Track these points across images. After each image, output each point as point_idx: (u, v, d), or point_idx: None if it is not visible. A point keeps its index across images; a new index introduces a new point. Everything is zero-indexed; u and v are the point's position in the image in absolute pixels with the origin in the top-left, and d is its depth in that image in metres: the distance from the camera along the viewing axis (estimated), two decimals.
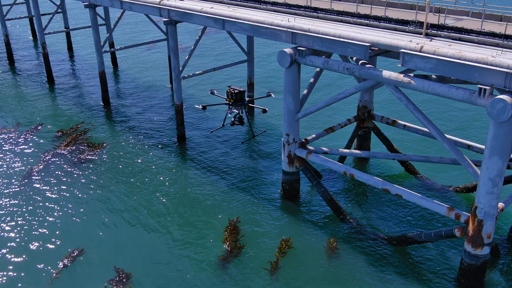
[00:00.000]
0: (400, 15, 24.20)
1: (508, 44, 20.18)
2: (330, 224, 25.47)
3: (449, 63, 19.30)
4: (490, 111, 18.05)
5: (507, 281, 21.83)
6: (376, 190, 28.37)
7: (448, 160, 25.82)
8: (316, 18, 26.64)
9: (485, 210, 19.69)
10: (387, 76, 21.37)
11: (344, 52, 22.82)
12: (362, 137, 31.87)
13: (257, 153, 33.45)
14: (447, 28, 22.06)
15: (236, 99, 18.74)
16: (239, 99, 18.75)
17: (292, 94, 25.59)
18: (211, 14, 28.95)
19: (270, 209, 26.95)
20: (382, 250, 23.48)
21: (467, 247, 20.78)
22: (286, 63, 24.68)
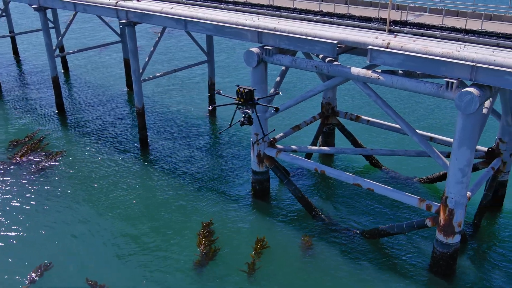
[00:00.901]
0: (362, 13, 24.60)
1: (469, 39, 20.94)
2: (302, 221, 25.59)
3: (416, 58, 19.79)
4: (458, 104, 18.65)
5: (475, 266, 22.67)
6: (344, 185, 28.76)
7: (413, 153, 26.55)
8: (279, 17, 26.66)
9: (455, 200, 20.36)
10: (356, 73, 21.68)
11: (312, 50, 22.96)
12: (327, 134, 32.24)
13: (223, 154, 33.19)
14: (410, 24, 22.65)
15: (246, 98, 18.50)
16: (249, 99, 18.53)
17: (260, 93, 25.46)
18: (172, 14, 28.38)
19: (242, 209, 26.78)
20: (356, 243, 23.83)
21: (439, 236, 21.42)
22: (253, 63, 24.57)
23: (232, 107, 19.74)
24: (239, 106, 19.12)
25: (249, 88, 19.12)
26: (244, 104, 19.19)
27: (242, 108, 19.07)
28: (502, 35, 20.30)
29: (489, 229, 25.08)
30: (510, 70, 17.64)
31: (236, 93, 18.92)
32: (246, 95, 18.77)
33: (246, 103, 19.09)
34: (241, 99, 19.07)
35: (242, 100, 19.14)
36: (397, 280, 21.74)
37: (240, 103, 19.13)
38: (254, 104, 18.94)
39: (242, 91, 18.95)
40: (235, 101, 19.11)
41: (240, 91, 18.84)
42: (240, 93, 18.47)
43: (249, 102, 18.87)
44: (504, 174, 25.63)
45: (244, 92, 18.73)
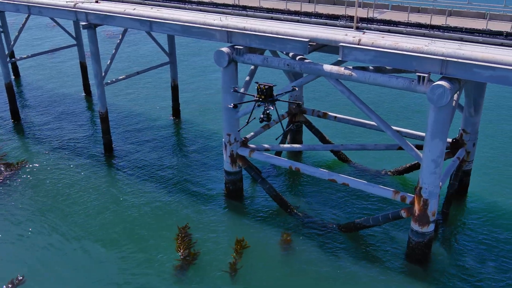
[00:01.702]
0: (329, 11, 24.98)
1: (434, 34, 21.68)
2: (279, 219, 25.72)
3: (387, 54, 20.30)
4: (430, 97, 19.29)
5: (447, 251, 23.53)
6: (315, 181, 29.11)
7: (383, 146, 27.24)
8: (246, 16, 26.64)
9: (429, 190, 21.05)
10: (328, 70, 21.99)
11: (284, 49, 23.08)
12: (295, 131, 32.52)
13: (192, 156, 32.82)
14: (376, 21, 23.19)
15: (266, 94, 18.26)
16: (269, 95, 18.31)
17: (231, 94, 25.38)
18: (136, 15, 27.79)
19: (217, 211, 26.58)
20: (334, 238, 24.19)
21: (414, 226, 22.09)
22: (224, 63, 24.42)
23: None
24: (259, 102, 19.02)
25: (269, 84, 18.99)
26: (264, 100, 19.09)
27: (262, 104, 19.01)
28: (465, 29, 21.15)
29: (456, 216, 26.08)
30: (478, 63, 18.41)
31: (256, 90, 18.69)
32: (266, 92, 18.70)
33: (267, 100, 19.01)
34: (262, 95, 18.95)
35: (263, 97, 19.04)
36: (375, 270, 22.25)
37: (261, 100, 19.03)
38: (274, 100, 18.87)
39: (263, 87, 18.81)
40: (255, 97, 18.95)
41: (261, 87, 18.70)
42: (261, 90, 18.34)
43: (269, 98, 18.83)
44: (468, 163, 26.75)
45: (265, 88, 18.61)
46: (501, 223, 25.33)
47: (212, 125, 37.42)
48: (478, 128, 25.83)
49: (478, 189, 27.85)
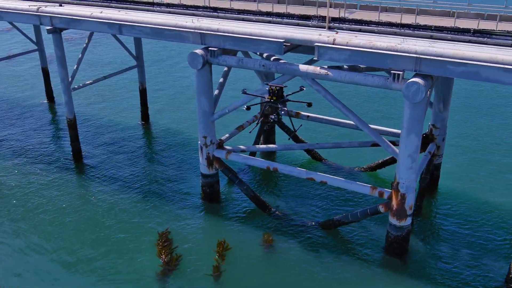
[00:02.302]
0: (301, 11, 25.23)
1: (405, 32, 22.27)
2: (258, 219, 25.76)
3: (362, 53, 20.69)
4: (406, 94, 19.80)
5: (423, 243, 24.17)
6: (291, 180, 29.33)
7: (357, 144, 27.71)
8: (217, 18, 26.56)
9: (406, 185, 21.59)
10: (304, 70, 22.19)
11: (258, 50, 23.15)
12: (268, 132, 32.64)
13: (164, 160, 32.40)
14: (348, 21, 23.61)
15: (278, 95, 18.19)
16: (280, 96, 18.26)
17: (206, 96, 25.26)
18: (104, 19, 27.20)
19: (196, 214, 26.37)
20: (314, 236, 24.45)
21: (392, 221, 22.61)
22: (198, 65, 24.27)
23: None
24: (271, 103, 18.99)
25: (280, 85, 18.97)
26: (276, 101, 19.11)
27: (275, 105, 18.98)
28: (434, 27, 21.83)
29: (429, 209, 26.86)
30: (450, 59, 19.04)
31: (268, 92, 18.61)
32: (278, 92, 18.69)
33: (279, 100, 19.04)
34: (274, 96, 18.94)
35: (275, 98, 19.04)
36: (356, 265, 22.64)
37: (273, 101, 19.01)
38: (285, 101, 18.88)
39: (275, 88, 18.80)
40: (266, 99, 18.88)
41: (273, 89, 18.66)
42: (273, 91, 18.29)
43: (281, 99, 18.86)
44: (438, 157, 27.62)
45: (277, 89, 18.59)
46: (471, 213, 26.26)
47: (182, 128, 37.08)
48: (447, 123, 26.69)
49: (448, 182, 28.75)
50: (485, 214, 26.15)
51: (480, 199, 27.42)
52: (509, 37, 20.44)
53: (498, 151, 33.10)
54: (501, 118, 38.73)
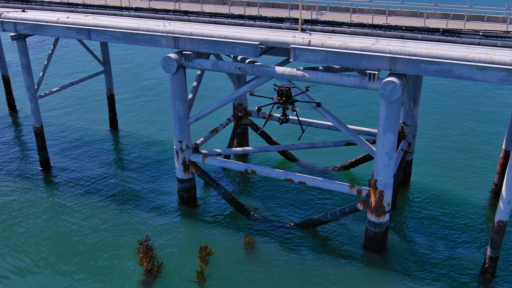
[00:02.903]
0: (273, 13, 25.37)
1: (376, 33, 22.75)
2: (238, 222, 25.69)
3: (338, 54, 20.99)
4: (382, 93, 20.22)
5: (399, 236, 24.72)
6: (268, 181, 29.42)
7: (331, 144, 28.09)
8: (188, 21, 26.36)
9: (384, 182, 22.04)
10: (281, 72, 22.29)
11: (233, 52, 23.11)
12: (241, 134, 32.62)
13: (135, 166, 31.84)
14: (320, 22, 23.92)
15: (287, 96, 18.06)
16: (289, 96, 18.14)
17: (181, 100, 25.03)
18: (72, 24, 26.52)
19: (174, 220, 26.03)
20: (294, 236, 24.60)
21: (371, 218, 23.03)
22: (172, 69, 24.02)
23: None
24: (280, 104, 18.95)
25: (288, 86, 18.95)
26: (285, 102, 19.08)
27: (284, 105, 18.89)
28: (405, 27, 22.40)
29: (403, 204, 27.50)
30: (424, 58, 19.57)
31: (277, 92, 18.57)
32: (287, 93, 18.65)
33: (288, 101, 19.01)
34: (283, 97, 18.90)
35: (284, 99, 19.01)
36: (336, 262, 22.93)
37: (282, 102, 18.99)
38: (294, 101, 18.84)
39: (284, 89, 18.74)
40: (276, 99, 18.82)
41: (282, 89, 18.59)
42: (282, 92, 18.19)
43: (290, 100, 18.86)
44: (410, 154, 28.35)
45: (286, 90, 18.55)
46: (444, 206, 27.06)
47: (153, 134, 36.59)
48: (417, 120, 27.43)
49: (419, 177, 29.55)
50: (458, 206, 27.01)
51: (452, 192, 28.32)
52: (477, 35, 21.22)
53: (466, 144, 34.29)
54: (467, 113, 40.17)
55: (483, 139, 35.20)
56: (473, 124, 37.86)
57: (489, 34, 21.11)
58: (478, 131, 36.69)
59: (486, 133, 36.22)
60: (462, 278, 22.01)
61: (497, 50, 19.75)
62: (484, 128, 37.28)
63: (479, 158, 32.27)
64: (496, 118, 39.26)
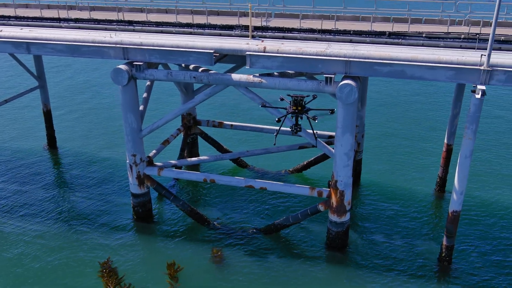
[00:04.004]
0: (222, 21, 25.31)
1: (326, 37, 23.39)
2: (200, 234, 25.25)
3: (294, 59, 21.31)
4: (339, 96, 20.77)
5: (357, 233, 25.46)
6: (223, 190, 29.20)
7: (284, 148, 28.41)
8: (133, 31, 25.67)
9: (344, 182, 22.63)
10: (237, 79, 22.28)
11: (187, 62, 22.78)
12: (191, 144, 32.13)
13: (84, 185, 30.37)
14: (271, 29, 24.19)
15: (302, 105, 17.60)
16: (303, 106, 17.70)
17: (133, 112, 24.26)
18: (8, 38, 24.90)
19: (133, 238, 25.11)
20: (259, 243, 24.58)
21: (333, 218, 23.54)
22: (123, 81, 23.23)
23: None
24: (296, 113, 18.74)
25: (302, 95, 18.79)
26: (301, 112, 18.84)
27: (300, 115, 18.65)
28: (353, 32, 23.20)
29: (357, 202, 28.37)
30: (377, 61, 20.36)
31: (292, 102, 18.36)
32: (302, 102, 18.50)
33: (303, 111, 18.78)
34: (299, 107, 18.66)
35: (300, 108, 18.78)
36: (302, 264, 23.23)
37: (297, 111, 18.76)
38: (307, 110, 18.58)
39: (299, 99, 18.53)
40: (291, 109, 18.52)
41: (297, 99, 18.38)
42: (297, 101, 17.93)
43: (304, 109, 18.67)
44: (359, 153, 29.34)
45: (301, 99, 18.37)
46: (394, 201, 28.24)
47: (95, 149, 35.11)
48: (364, 121, 28.46)
49: (369, 175, 30.63)
50: (408, 200, 28.30)
51: (401, 187, 29.61)
52: (420, 37, 22.42)
53: (410, 141, 36.04)
54: (409, 111, 42.27)
55: (425, 135, 37.21)
56: (415, 122, 39.89)
57: (432, 35, 22.40)
58: (421, 127, 38.74)
59: (428, 129, 38.31)
60: (420, 267, 23.05)
61: (441, 50, 20.96)
62: (426, 124, 39.41)
63: (423, 154, 34.05)
64: (436, 114, 41.60)
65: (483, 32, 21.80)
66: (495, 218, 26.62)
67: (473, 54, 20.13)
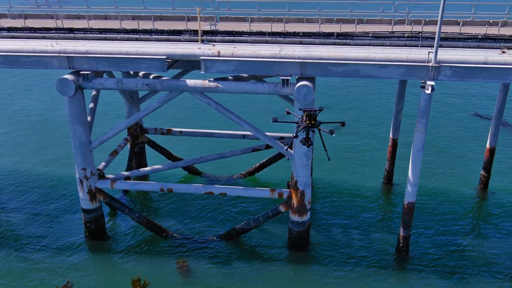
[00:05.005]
0: (169, 26, 24.74)
1: (277, 40, 23.56)
2: (160, 246, 24.49)
3: (250, 63, 21.27)
4: (297, 97, 21.00)
5: (318, 233, 25.89)
6: (177, 198, 28.56)
7: (239, 152, 28.26)
8: (73, 39, 24.46)
9: (304, 182, 22.90)
10: (192, 84, 21.88)
11: (138, 69, 22.03)
12: (139, 154, 31.10)
13: (20, 206, 28.38)
14: (221, 33, 24.00)
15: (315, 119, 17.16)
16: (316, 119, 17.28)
17: (81, 124, 23.08)
18: None
19: (89, 256, 23.90)
20: (222, 249, 24.27)
21: (294, 218, 23.74)
22: (70, 92, 22.04)
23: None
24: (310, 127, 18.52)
25: (315, 109, 18.57)
26: (314, 126, 18.63)
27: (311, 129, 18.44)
28: (303, 34, 23.57)
29: (312, 200, 28.70)
30: (331, 61, 20.80)
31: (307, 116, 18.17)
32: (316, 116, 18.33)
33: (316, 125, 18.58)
34: (313, 120, 18.48)
35: (313, 122, 18.58)
36: (266, 265, 23.30)
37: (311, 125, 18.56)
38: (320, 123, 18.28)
39: (313, 113, 18.37)
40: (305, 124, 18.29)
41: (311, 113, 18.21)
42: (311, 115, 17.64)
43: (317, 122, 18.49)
44: None
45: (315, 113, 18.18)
46: (347, 197, 29.04)
47: (31, 166, 32.94)
48: None
49: (320, 174, 31.26)
50: (359, 195, 29.24)
51: (351, 183, 30.50)
52: (367, 37, 23.20)
53: (357, 137, 37.19)
54: (353, 108, 43.61)
55: (370, 130, 38.52)
56: (360, 119, 41.21)
57: (378, 35, 23.25)
58: (366, 124, 40.10)
59: (373, 125, 39.70)
60: (380, 258, 23.86)
61: (390, 49, 21.84)
62: (371, 120, 40.81)
63: (369, 149, 35.24)
64: (380, 110, 43.20)
65: (425, 30, 22.97)
66: (445, 207, 28.05)
67: (420, 51, 21.16)
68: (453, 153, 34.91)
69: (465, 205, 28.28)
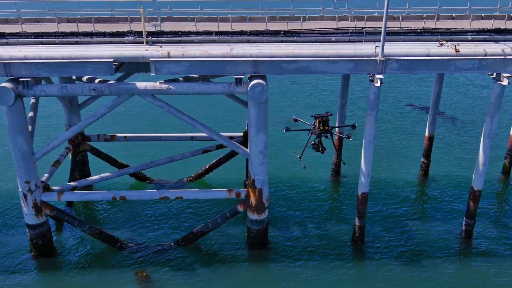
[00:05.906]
0: (112, 28, 23.78)
1: (224, 39, 23.35)
2: (115, 258, 23.52)
3: (202, 63, 20.96)
4: (252, 95, 20.98)
5: (276, 230, 26.03)
6: (127, 205, 27.59)
7: (189, 154, 27.77)
8: (6, 44, 22.86)
9: (261, 180, 22.92)
10: (143, 87, 21.20)
11: (83, 73, 21.01)
12: (81, 163, 29.63)
13: None
14: (167, 33, 23.44)
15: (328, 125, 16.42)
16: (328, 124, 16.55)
17: (23, 134, 21.66)
18: None
19: (39, 276, 22.47)
20: (181, 255, 23.74)
21: (253, 216, 23.72)
22: (9, 100, 20.59)
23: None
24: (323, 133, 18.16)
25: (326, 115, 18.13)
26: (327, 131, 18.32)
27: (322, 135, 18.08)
28: (250, 32, 23.56)
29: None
30: (283, 58, 20.95)
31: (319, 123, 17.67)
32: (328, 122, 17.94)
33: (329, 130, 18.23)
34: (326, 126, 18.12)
35: (326, 128, 18.22)
36: (226, 266, 23.18)
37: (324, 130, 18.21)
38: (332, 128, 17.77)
39: (325, 119, 18.01)
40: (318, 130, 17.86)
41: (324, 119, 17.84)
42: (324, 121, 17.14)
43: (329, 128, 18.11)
44: None
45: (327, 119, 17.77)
46: (298, 190, 29.50)
47: None
48: None
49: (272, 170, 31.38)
50: (309, 188, 29.74)
51: (303, 176, 30.83)
52: (313, 34, 23.62)
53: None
54: (296, 103, 44.09)
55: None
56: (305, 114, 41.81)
57: (323, 31, 23.73)
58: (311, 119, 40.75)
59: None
60: (337, 248, 24.48)
61: (336, 45, 22.35)
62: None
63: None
64: (325, 104, 44.03)
65: (368, 26, 23.75)
66: (392, 194, 29.19)
67: (366, 46, 21.84)
68: (394, 143, 36.44)
69: (409, 191, 29.64)
